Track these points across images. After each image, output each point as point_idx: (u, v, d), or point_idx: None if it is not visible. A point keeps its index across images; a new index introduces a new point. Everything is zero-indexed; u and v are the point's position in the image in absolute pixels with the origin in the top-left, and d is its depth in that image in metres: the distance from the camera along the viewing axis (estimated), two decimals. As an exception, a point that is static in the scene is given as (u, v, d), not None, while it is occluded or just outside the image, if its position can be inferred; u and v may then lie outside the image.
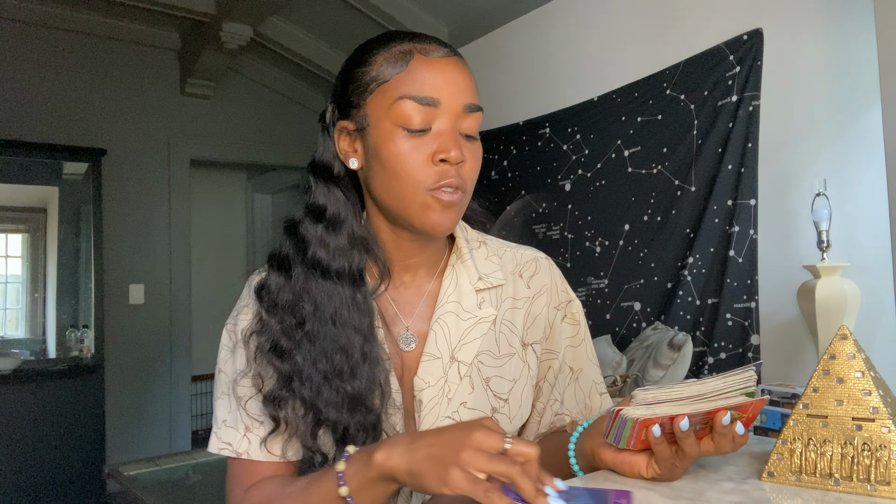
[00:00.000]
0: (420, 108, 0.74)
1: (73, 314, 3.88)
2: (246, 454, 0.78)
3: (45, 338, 3.88)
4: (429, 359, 0.80)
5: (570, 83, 2.91)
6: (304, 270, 0.78)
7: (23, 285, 3.90)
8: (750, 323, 2.20)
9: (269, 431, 0.77)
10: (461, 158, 0.74)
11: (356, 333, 0.76)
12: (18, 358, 3.53)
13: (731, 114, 2.27)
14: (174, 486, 2.15)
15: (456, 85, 0.75)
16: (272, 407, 0.76)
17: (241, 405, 0.79)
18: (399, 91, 0.74)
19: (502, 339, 0.85)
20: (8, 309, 3.89)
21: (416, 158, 0.74)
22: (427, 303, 0.84)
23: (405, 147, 0.74)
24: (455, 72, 0.76)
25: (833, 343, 0.65)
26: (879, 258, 1.87)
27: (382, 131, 0.75)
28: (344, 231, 0.79)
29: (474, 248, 0.88)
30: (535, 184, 3.06)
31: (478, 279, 0.85)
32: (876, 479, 0.60)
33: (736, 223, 2.24)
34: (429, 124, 0.74)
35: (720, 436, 0.64)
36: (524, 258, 0.91)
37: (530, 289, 0.88)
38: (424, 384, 0.79)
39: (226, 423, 0.80)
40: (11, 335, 3.87)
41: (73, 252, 3.90)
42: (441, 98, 0.74)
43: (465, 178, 0.76)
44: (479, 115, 0.77)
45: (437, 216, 0.75)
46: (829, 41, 2.05)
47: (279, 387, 0.76)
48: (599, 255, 2.74)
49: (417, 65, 0.75)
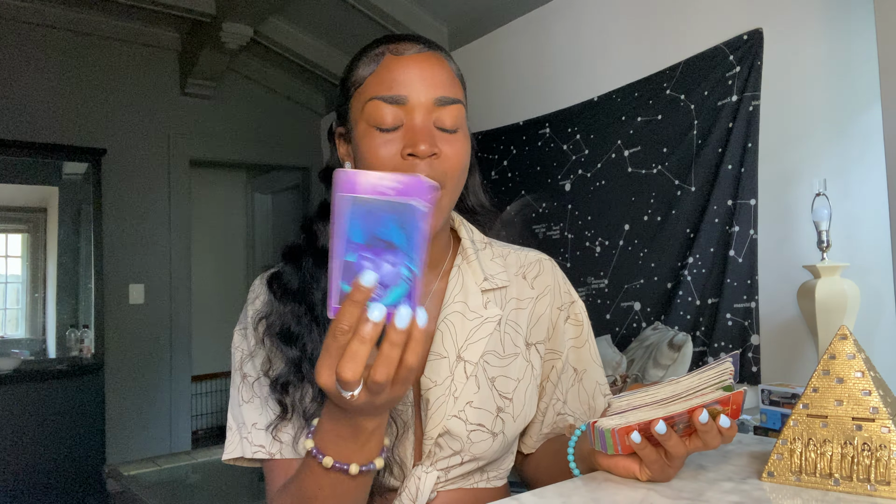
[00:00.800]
0: (389, 107, 0.75)
1: (73, 314, 3.88)
2: (279, 454, 0.78)
3: (45, 338, 3.88)
4: (435, 358, 0.81)
5: (570, 83, 2.91)
6: (314, 261, 0.80)
7: (23, 285, 3.90)
8: (750, 323, 2.20)
9: (276, 416, 0.77)
10: (431, 152, 0.74)
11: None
12: (18, 358, 3.54)
13: (731, 114, 2.27)
14: (174, 486, 2.15)
15: (424, 80, 0.76)
16: (279, 392, 0.76)
17: (268, 406, 0.79)
18: (369, 92, 0.76)
19: (507, 339, 0.85)
20: (8, 309, 3.89)
21: (386, 154, 0.75)
22: (433, 302, 0.85)
23: (377, 144, 0.75)
24: (425, 67, 0.76)
25: (833, 343, 0.65)
26: (879, 258, 1.87)
27: (359, 132, 0.77)
28: None
29: (480, 249, 0.89)
30: (535, 184, 3.06)
31: (483, 280, 0.85)
32: (876, 479, 0.60)
33: (736, 223, 2.24)
34: (400, 121, 0.75)
35: (704, 433, 0.65)
36: (528, 260, 0.92)
37: (534, 290, 0.89)
38: (431, 383, 0.80)
39: (256, 426, 0.79)
40: (11, 335, 3.87)
41: (73, 252, 3.90)
42: (409, 94, 0.75)
43: (442, 170, 0.75)
44: (455, 107, 0.77)
45: None
46: (829, 41, 2.05)
47: (287, 371, 0.76)
48: (599, 255, 2.74)
49: (386, 64, 0.76)
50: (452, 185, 0.77)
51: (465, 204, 0.92)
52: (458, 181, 0.79)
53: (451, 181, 0.77)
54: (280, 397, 0.76)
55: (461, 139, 0.78)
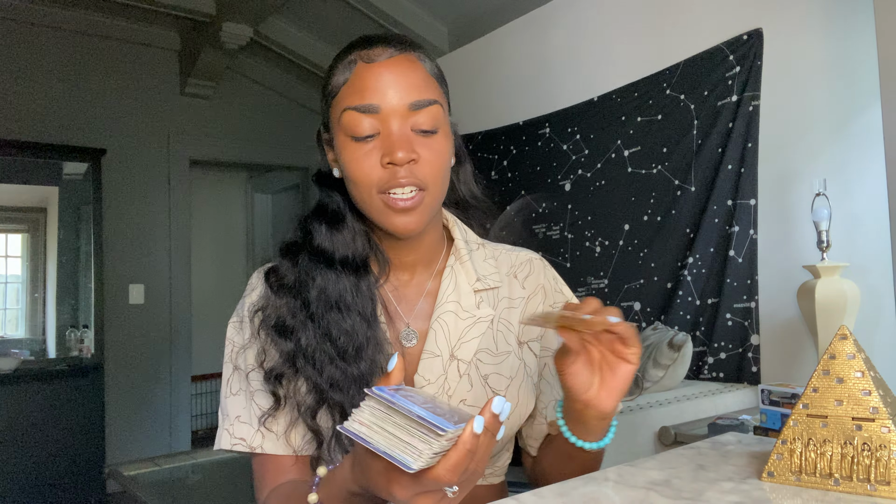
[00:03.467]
0: (363, 117, 0.75)
1: (73, 314, 3.88)
2: (260, 448, 0.78)
3: (45, 338, 3.88)
4: (429, 356, 0.82)
5: (569, 83, 2.91)
6: (310, 258, 0.81)
7: (23, 285, 3.90)
8: (750, 323, 2.20)
9: (270, 407, 0.78)
10: (409, 158, 0.74)
11: (360, 318, 0.79)
12: (18, 358, 3.54)
13: (731, 114, 2.27)
14: (174, 486, 2.15)
15: (397, 86, 0.76)
16: (273, 383, 0.77)
17: (254, 400, 0.80)
18: (343, 103, 0.77)
19: (500, 337, 0.86)
20: (8, 309, 3.89)
21: (366, 164, 0.76)
22: (427, 301, 0.86)
23: (357, 154, 0.76)
24: (397, 72, 0.76)
25: (833, 343, 0.65)
26: (879, 258, 1.87)
27: (339, 142, 0.78)
28: (346, 226, 0.83)
29: (473, 249, 0.89)
30: (535, 184, 3.06)
31: (476, 280, 0.86)
32: (876, 479, 0.60)
33: (736, 223, 2.24)
34: (376, 129, 0.76)
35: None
36: (518, 259, 0.92)
37: (525, 289, 0.90)
38: (424, 381, 0.81)
39: (239, 418, 0.80)
40: (11, 335, 3.87)
41: (73, 252, 3.90)
42: (381, 103, 0.75)
43: (422, 175, 0.76)
44: (432, 108, 0.77)
45: (396, 219, 0.76)
46: (829, 41, 2.05)
47: (281, 363, 0.78)
48: (599, 255, 2.74)
49: (358, 73, 0.77)
50: (435, 186, 0.78)
51: (457, 195, 0.93)
52: (442, 182, 0.79)
53: (434, 183, 0.78)
54: (274, 388, 0.78)
55: (440, 139, 0.78)
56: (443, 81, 0.83)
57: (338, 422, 0.76)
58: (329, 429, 0.77)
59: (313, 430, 0.77)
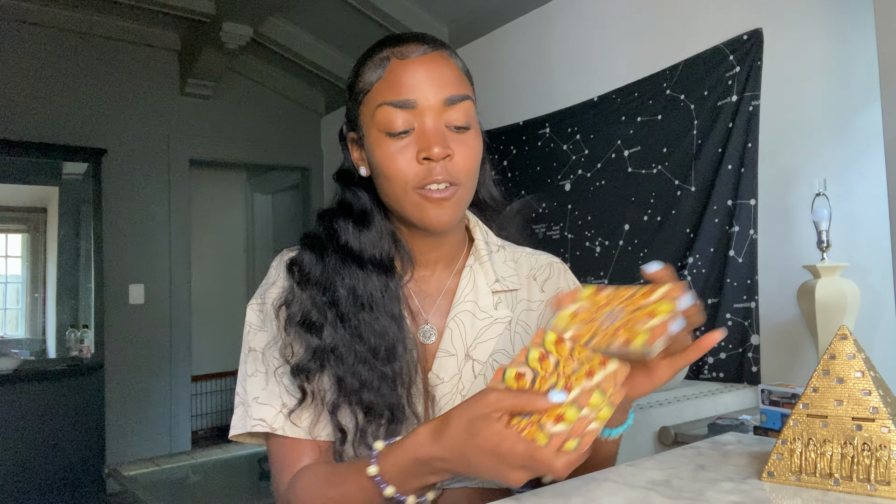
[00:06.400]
0: (399, 112, 0.76)
1: (73, 314, 3.88)
2: (281, 430, 0.78)
3: (45, 338, 3.88)
4: (444, 355, 0.82)
5: (570, 83, 2.91)
6: (338, 257, 0.81)
7: (23, 285, 3.90)
8: (750, 323, 2.20)
9: (297, 402, 0.77)
10: (445, 153, 0.75)
11: (390, 319, 0.79)
12: (18, 358, 3.54)
13: (731, 114, 2.27)
14: (174, 486, 2.15)
15: (432, 81, 0.76)
16: (301, 378, 0.77)
17: (278, 380, 0.79)
18: (378, 98, 0.77)
19: (517, 339, 0.86)
20: (8, 309, 3.89)
21: (402, 160, 0.76)
22: (446, 299, 0.86)
23: (391, 150, 0.76)
24: (431, 68, 0.77)
25: (833, 343, 0.65)
26: (879, 258, 1.87)
27: (371, 138, 0.78)
28: (373, 225, 0.83)
29: (493, 251, 0.90)
30: (535, 184, 3.06)
31: (494, 281, 0.86)
32: (876, 479, 0.60)
33: (736, 223, 2.24)
34: (411, 125, 0.76)
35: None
36: (539, 263, 0.93)
37: (544, 293, 0.90)
38: (438, 380, 0.81)
39: (257, 399, 0.79)
40: (11, 335, 3.87)
41: (73, 252, 3.90)
42: (418, 98, 0.76)
43: (456, 171, 0.77)
44: (464, 104, 0.78)
45: (432, 213, 0.77)
46: (829, 41, 2.05)
47: (308, 358, 0.77)
48: (599, 255, 2.74)
49: (393, 69, 0.77)
50: (469, 182, 0.79)
51: (476, 196, 0.93)
52: (474, 178, 0.81)
53: (467, 179, 0.79)
54: (301, 383, 0.77)
55: (473, 136, 0.80)
56: (471, 80, 0.84)
57: (361, 420, 0.76)
58: (350, 424, 0.77)
59: (338, 427, 0.77)
